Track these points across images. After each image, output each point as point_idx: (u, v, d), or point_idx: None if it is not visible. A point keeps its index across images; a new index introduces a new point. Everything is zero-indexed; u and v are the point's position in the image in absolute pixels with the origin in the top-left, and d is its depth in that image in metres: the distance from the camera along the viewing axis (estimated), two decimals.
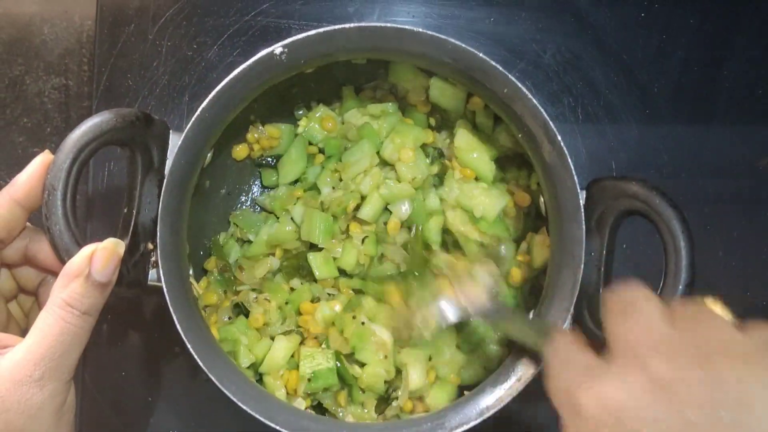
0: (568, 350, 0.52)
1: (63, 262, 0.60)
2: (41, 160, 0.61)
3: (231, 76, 0.66)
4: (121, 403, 0.82)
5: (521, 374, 0.67)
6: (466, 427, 0.66)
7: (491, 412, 0.67)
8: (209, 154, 0.74)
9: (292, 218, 0.83)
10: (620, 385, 0.44)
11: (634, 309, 0.48)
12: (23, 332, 0.67)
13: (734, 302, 0.80)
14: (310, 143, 0.85)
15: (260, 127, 0.84)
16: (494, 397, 0.67)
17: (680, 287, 0.60)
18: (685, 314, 0.47)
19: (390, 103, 0.82)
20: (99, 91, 0.84)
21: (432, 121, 0.84)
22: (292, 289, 0.82)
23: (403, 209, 0.81)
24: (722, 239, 0.85)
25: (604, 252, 0.66)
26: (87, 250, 0.59)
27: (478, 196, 0.79)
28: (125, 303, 0.83)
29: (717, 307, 0.49)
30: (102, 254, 0.59)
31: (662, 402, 0.42)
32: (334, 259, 0.81)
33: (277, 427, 0.65)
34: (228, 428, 0.82)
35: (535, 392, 0.65)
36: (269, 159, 0.86)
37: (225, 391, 0.64)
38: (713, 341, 0.44)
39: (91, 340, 0.79)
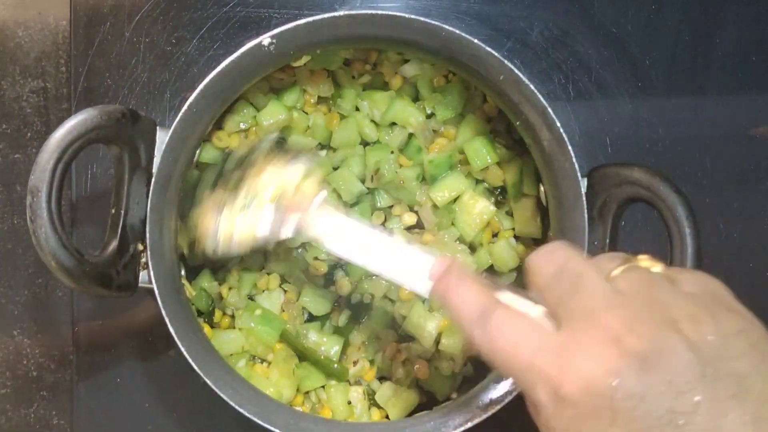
0: (506, 320, 0.45)
1: (50, 267, 0.58)
2: None
3: (218, 69, 0.64)
4: (117, 411, 0.80)
5: None
6: (470, 424, 0.64)
7: (497, 407, 0.64)
8: (198, 150, 0.72)
9: None
10: (598, 362, 0.40)
11: (571, 272, 0.44)
12: None
13: (738, 275, 0.80)
14: None
15: None
16: (500, 391, 0.65)
17: None
18: (622, 274, 0.44)
19: None
20: (78, 93, 0.81)
21: None
22: None
23: None
24: (722, 211, 0.83)
25: (608, 241, 0.65)
26: None
27: None
28: (115, 307, 0.80)
29: (647, 262, 0.46)
30: None
31: (648, 374, 0.40)
32: None
33: (276, 430, 0.63)
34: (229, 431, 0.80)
35: None
36: None
37: (221, 394, 0.62)
38: (665, 303, 0.41)
39: (83, 347, 0.77)
